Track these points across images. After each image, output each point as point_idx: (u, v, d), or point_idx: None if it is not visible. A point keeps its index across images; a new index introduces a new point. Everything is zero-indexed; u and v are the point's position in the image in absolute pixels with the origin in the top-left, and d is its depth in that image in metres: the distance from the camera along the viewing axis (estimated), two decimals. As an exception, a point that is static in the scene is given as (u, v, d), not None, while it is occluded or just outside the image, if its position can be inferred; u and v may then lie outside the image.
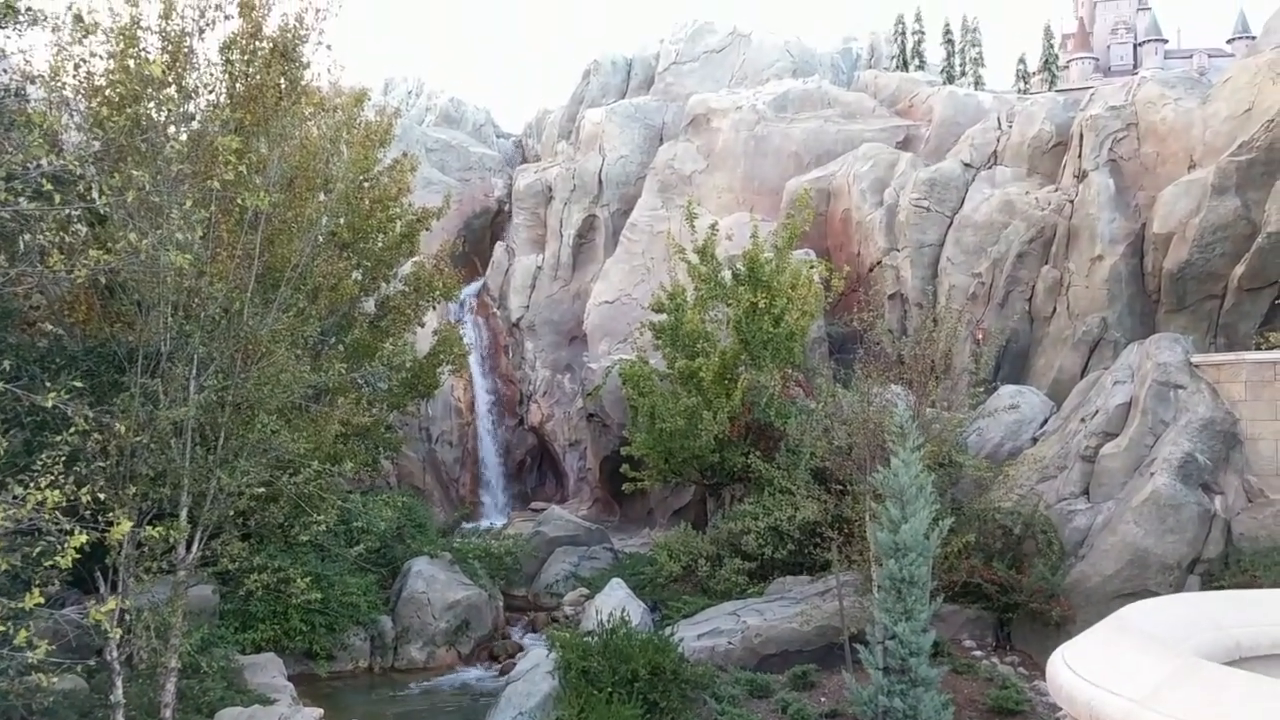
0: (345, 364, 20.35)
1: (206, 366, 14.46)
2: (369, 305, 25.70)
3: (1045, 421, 24.65)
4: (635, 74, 47.56)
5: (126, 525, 9.14)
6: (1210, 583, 18.90)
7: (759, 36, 46.75)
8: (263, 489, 15.00)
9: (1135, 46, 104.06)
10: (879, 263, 32.10)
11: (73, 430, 9.97)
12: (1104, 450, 21.40)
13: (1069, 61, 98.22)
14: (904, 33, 55.15)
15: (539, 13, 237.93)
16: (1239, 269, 25.07)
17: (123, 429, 10.66)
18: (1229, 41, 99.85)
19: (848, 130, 37.91)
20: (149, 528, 10.88)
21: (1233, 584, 18.14)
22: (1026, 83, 61.00)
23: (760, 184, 37.16)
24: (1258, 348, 23.27)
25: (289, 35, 18.03)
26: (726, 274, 26.56)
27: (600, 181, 40.06)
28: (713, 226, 27.81)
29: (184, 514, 14.11)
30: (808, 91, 39.89)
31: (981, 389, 23.03)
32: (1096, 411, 22.28)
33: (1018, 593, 19.74)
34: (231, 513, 14.78)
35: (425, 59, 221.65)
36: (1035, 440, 24.07)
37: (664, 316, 27.02)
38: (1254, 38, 60.62)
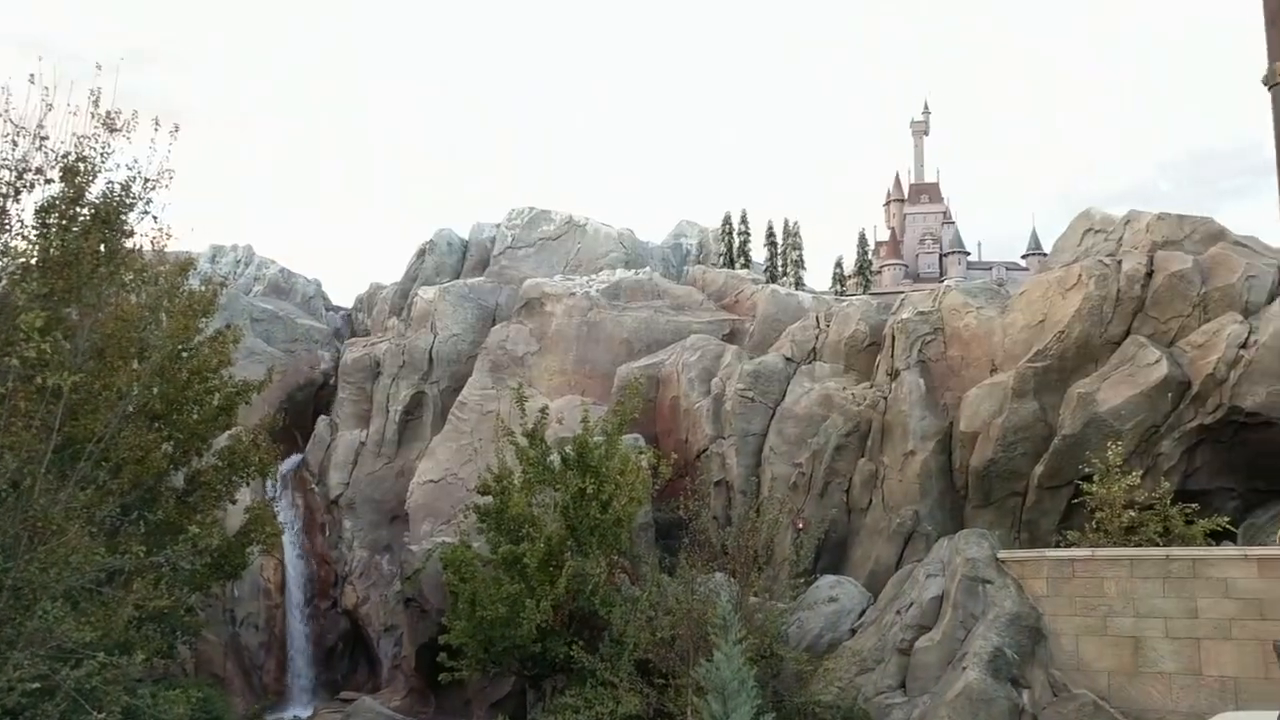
0: (146, 544, 19.02)
1: (-14, 546, 13.29)
2: (178, 480, 24.34)
3: (863, 613, 25.01)
4: (471, 255, 48.19)
5: None
6: (1021, 779, 19.18)
7: (594, 226, 48.26)
8: (37, 684, 13.63)
9: (941, 256, 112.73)
10: (706, 450, 32.65)
11: None
12: (919, 644, 21.81)
13: (882, 267, 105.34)
14: (731, 232, 58.21)
15: (376, 189, 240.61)
16: (1039, 468, 26.53)
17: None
18: (1023, 257, 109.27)
19: (677, 321, 39.14)
20: (-104, 732, 9.67)
21: (1042, 781, 18.44)
22: (843, 285, 64.93)
23: (592, 368, 37.70)
24: (1057, 545, 24.42)
25: (113, 203, 17.49)
26: (555, 458, 26.43)
27: (431, 359, 39.84)
28: (543, 410, 27.80)
29: (-59, 712, 12.66)
30: (640, 282, 41.22)
31: (802, 579, 23.31)
32: (911, 604, 22.78)
33: (838, 791, 19.57)
34: (-1, 710, 13.34)
35: (257, 227, 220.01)
36: (854, 631, 24.34)
37: (489, 499, 26.53)
38: (1045, 254, 66.27)
